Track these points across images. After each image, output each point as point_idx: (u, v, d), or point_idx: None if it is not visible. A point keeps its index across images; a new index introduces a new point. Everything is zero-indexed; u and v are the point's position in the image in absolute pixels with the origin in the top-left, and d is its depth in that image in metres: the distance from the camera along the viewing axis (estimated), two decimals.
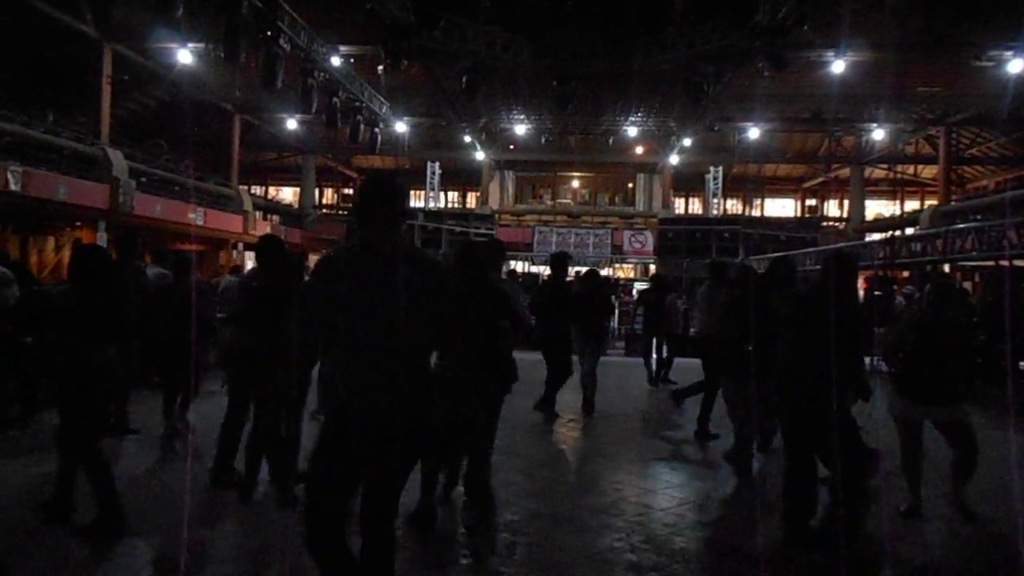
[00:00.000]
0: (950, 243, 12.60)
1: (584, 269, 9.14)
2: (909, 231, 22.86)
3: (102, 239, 18.20)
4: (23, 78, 20.84)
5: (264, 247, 5.20)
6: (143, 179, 20.11)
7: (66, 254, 21.28)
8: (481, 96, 20.10)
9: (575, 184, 37.65)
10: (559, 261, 8.56)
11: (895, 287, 13.66)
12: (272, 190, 38.26)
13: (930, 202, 30.29)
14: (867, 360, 4.80)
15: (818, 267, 19.77)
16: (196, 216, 21.85)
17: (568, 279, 9.01)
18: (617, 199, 36.89)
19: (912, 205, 34.82)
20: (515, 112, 26.66)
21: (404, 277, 2.56)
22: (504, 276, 9.55)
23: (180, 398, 6.45)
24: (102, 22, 18.34)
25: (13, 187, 14.56)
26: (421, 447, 2.67)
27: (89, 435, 4.15)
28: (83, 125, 20.86)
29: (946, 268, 19.01)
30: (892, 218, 32.55)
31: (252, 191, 32.21)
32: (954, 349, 4.71)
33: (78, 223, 19.96)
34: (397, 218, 2.72)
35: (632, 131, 27.83)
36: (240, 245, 26.51)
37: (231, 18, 13.60)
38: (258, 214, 27.70)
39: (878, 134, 27.28)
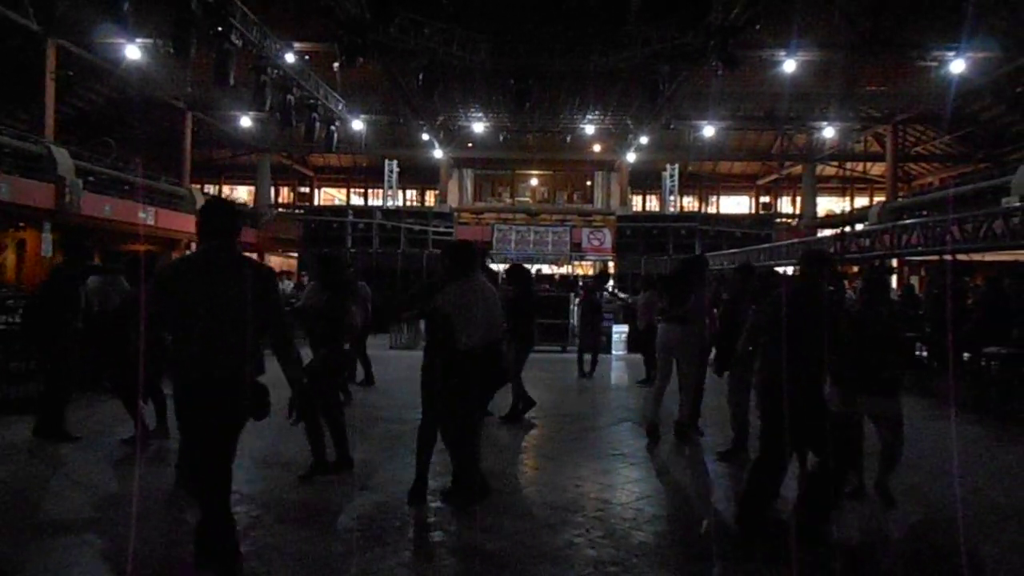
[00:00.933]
0: (897, 238, 12.96)
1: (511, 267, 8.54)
2: (859, 227, 23.45)
3: (47, 240, 17.64)
4: None
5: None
6: (90, 178, 19.53)
7: (9, 256, 20.59)
8: (438, 94, 20.01)
9: (534, 182, 37.76)
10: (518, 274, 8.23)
11: (845, 281, 13.99)
12: (226, 189, 37.51)
13: (878, 198, 31.14)
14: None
15: (770, 263, 20.19)
16: (146, 216, 21.32)
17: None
18: (575, 197, 37.11)
19: (861, 202, 35.75)
20: (473, 110, 26.61)
21: (237, 279, 3.25)
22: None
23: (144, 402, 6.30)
24: (44, 16, 17.78)
25: None
26: (250, 406, 3.28)
27: None
28: (26, 122, 20.21)
29: (894, 263, 19.62)
30: (842, 214, 33.36)
31: (205, 190, 31.53)
32: (885, 341, 4.83)
33: (21, 224, 19.30)
34: (232, 233, 3.38)
35: (589, 129, 28.00)
36: (192, 245, 25.95)
37: (180, 13, 13.31)
38: None
39: (828, 132, 27.94)
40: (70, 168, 18.04)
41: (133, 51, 18.71)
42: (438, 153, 30.61)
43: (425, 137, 28.45)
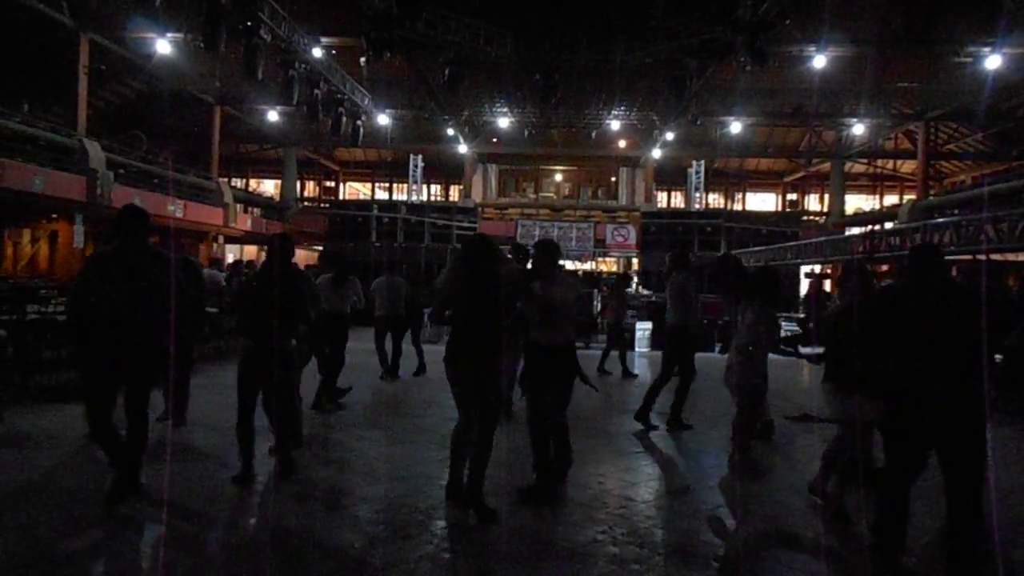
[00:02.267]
0: (928, 237, 12.75)
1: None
2: (888, 226, 23.07)
3: (79, 231, 17.95)
4: None
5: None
6: (121, 171, 19.84)
7: (42, 247, 21.00)
8: (464, 89, 20.04)
9: (558, 178, 37.67)
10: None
11: (874, 281, 13.78)
12: (253, 182, 37.91)
13: (909, 197, 30.62)
14: None
15: (797, 261, 19.93)
16: (175, 208, 21.60)
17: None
18: (600, 193, 36.95)
19: (891, 200, 35.19)
20: (498, 105, 26.59)
21: (145, 267, 4.32)
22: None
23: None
24: (78, 11, 18.06)
25: None
26: (148, 360, 4.38)
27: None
28: (59, 116, 20.57)
29: None
30: (872, 212, 32.88)
31: (233, 183, 31.89)
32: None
33: (54, 215, 19.66)
34: (142, 229, 4.42)
35: (615, 125, 27.86)
36: (220, 238, 26.26)
37: (210, 7, 13.46)
38: (239, 207, 27.43)
39: (858, 129, 27.52)
40: (102, 161, 18.34)
41: (164, 45, 18.95)
42: (463, 148, 30.65)
43: (450, 132, 28.49)
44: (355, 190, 40.00)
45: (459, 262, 4.68)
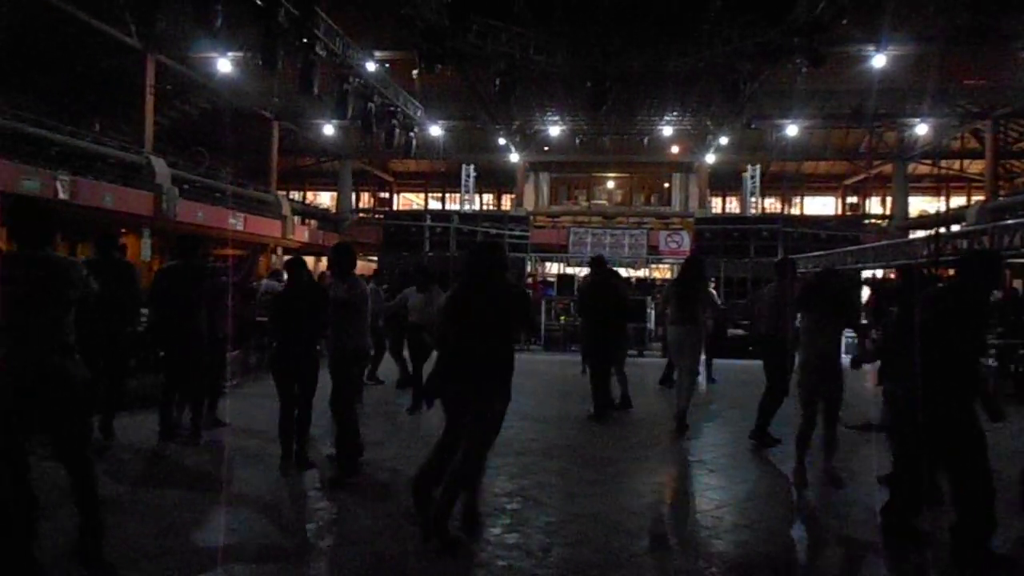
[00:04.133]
0: (997, 239, 12.21)
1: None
2: (955, 228, 22.24)
3: (147, 245, 18.64)
4: (70, 89, 21.46)
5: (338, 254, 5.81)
6: (185, 186, 20.56)
7: None
8: (515, 98, 20.11)
9: (610, 185, 37.46)
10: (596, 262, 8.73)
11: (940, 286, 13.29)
12: (310, 195, 38.81)
13: (977, 198, 29.46)
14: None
15: (858, 266, 19.37)
16: (236, 221, 22.27)
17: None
18: (653, 199, 36.59)
19: (958, 201, 33.90)
20: (549, 113, 26.62)
21: (43, 275, 3.57)
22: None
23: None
24: (145, 33, 18.81)
25: (62, 196, 15.00)
26: (64, 391, 3.51)
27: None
28: (127, 134, 21.39)
29: None
30: (937, 215, 31.71)
31: (290, 196, 32.69)
32: None
33: (123, 229, 20.47)
34: (47, 236, 3.71)
35: (667, 130, 27.57)
36: (279, 250, 26.93)
37: (268, 26, 13.84)
38: (296, 219, 28.11)
39: (921, 129, 26.64)
40: (167, 177, 19.04)
41: (225, 64, 19.60)
42: (515, 157, 30.78)
43: (502, 141, 28.64)
44: (408, 201, 40.54)
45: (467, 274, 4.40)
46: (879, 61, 18.33)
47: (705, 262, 8.29)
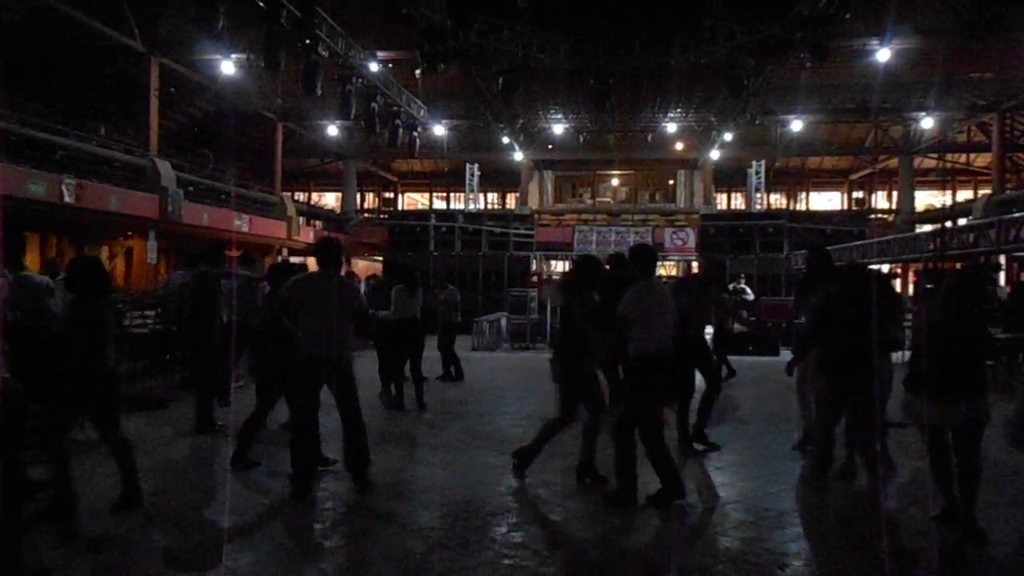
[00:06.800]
0: (1004, 233, 12.16)
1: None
2: (961, 222, 22.12)
3: (152, 247, 18.71)
4: (75, 94, 21.55)
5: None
6: (190, 188, 20.61)
7: (120, 262, 21.95)
8: (518, 96, 20.12)
9: (615, 182, 37.41)
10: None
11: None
12: (315, 195, 38.90)
13: (984, 191, 29.32)
14: None
15: (864, 260, 19.28)
16: (241, 223, 22.32)
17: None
18: (658, 196, 36.52)
19: (965, 195, 33.75)
20: (553, 111, 26.59)
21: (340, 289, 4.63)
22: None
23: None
24: (149, 37, 18.87)
25: (68, 199, 15.06)
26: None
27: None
28: (132, 137, 21.48)
29: (1001, 259, 18.41)
30: (943, 209, 31.55)
31: (295, 197, 32.76)
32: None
33: (130, 232, 20.56)
34: (340, 261, 4.79)
35: (671, 127, 27.51)
36: (284, 251, 27.00)
37: (271, 28, 13.87)
38: (301, 220, 28.16)
39: (927, 123, 26.52)
40: (172, 179, 19.09)
41: (228, 67, 19.64)
42: (518, 155, 30.77)
43: (505, 140, 28.63)
44: (413, 200, 40.59)
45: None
46: (883, 55, 18.25)
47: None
